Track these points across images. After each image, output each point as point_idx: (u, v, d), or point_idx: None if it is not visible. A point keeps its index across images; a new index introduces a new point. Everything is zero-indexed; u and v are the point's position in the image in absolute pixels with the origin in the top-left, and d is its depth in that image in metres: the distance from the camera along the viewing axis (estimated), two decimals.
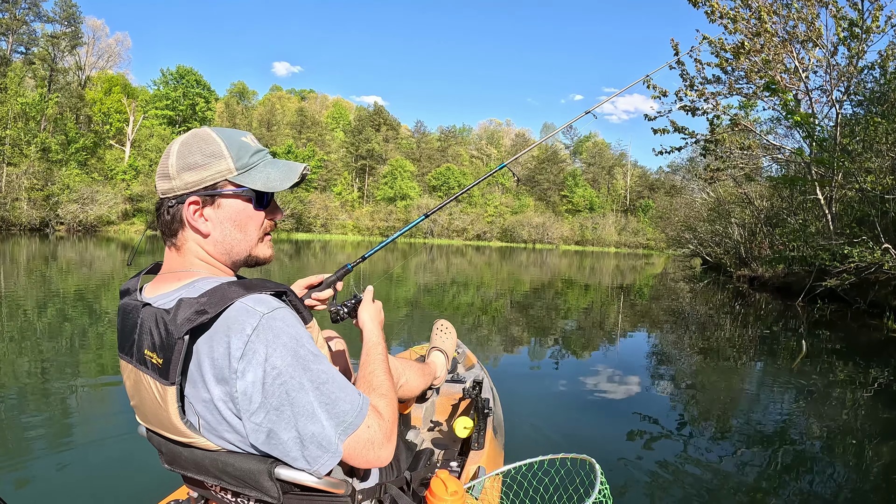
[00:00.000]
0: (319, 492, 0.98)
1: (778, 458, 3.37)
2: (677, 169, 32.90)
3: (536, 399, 4.36)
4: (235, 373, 0.87)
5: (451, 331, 2.18)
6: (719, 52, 10.13)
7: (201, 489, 1.08)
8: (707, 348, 7.32)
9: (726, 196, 21.26)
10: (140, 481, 2.59)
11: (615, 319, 9.70)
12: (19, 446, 3.04)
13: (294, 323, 0.94)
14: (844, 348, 7.57)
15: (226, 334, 0.88)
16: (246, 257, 1.06)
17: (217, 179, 0.99)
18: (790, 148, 11.80)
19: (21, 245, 22.28)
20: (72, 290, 9.81)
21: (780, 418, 4.27)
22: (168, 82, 52.47)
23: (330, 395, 0.93)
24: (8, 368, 4.61)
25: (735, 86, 10.10)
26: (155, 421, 1.00)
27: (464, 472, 1.74)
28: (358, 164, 68.38)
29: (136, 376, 0.98)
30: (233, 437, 0.93)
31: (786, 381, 5.56)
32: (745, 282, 17.95)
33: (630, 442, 3.45)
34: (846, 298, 11.05)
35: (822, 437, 3.83)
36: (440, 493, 1.19)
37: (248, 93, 77.02)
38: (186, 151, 0.98)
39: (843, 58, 10.61)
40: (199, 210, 1.00)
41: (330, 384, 0.93)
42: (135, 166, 44.73)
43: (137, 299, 1.00)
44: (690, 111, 10.43)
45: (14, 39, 42.20)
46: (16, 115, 35.86)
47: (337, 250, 31.49)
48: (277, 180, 1.03)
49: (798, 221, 14.10)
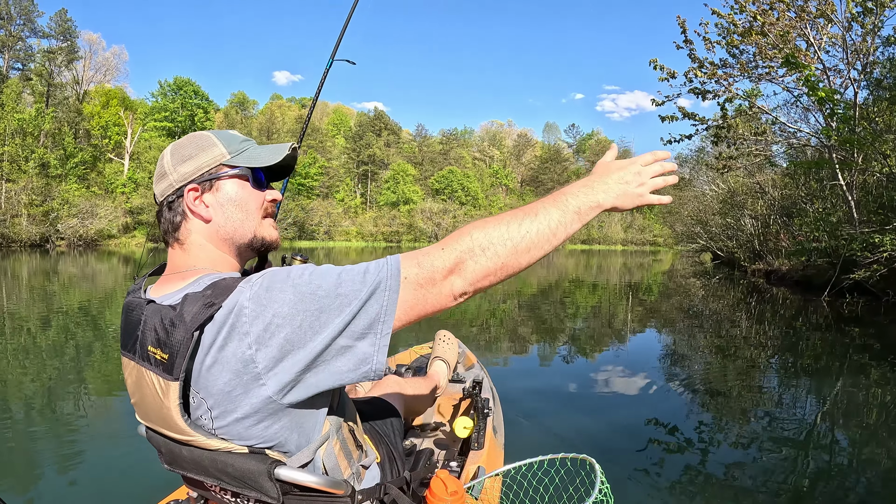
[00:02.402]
0: (319, 492, 0.97)
1: (797, 464, 3.20)
2: (685, 161, 32.06)
3: (536, 399, 4.36)
4: (247, 335, 0.84)
5: (452, 341, 2.30)
6: (729, 27, 9.49)
7: (201, 489, 1.07)
8: (721, 346, 7.08)
9: (737, 187, 20.58)
10: (140, 481, 2.63)
11: (622, 318, 9.56)
12: (21, 447, 3.14)
13: (282, 270, 0.88)
14: (877, 346, 7.14)
15: (228, 315, 0.85)
16: (251, 239, 1.04)
17: (212, 165, 1.00)
18: (808, 131, 11.09)
19: (22, 261, 22.44)
20: (75, 305, 9.83)
21: (802, 421, 4.06)
22: (166, 94, 52.40)
23: (351, 291, 0.85)
24: (10, 378, 4.73)
25: (747, 66, 9.44)
26: (155, 418, 0.98)
27: (464, 472, 1.74)
28: (360, 170, 68.13)
29: (138, 373, 0.96)
30: (246, 422, 0.89)
31: (810, 382, 5.29)
32: (760, 276, 17.40)
33: (631, 442, 3.42)
34: (874, 292, 10.30)
35: (852, 443, 3.59)
36: (440, 494, 1.18)
37: (249, 103, 77.10)
38: (179, 149, 1.01)
39: (857, 35, 10.00)
40: (198, 197, 1.00)
41: (345, 283, 0.85)
42: (134, 179, 44.62)
43: (141, 297, 0.99)
44: (700, 94, 9.77)
45: (10, 56, 42.20)
46: (13, 132, 35.78)
47: (341, 257, 31.72)
48: (268, 156, 1.04)
49: (818, 210, 13.38)
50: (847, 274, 9.99)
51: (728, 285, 16.22)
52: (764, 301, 12.05)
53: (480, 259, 0.87)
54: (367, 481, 1.12)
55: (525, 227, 0.89)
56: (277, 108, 73.04)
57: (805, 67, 7.11)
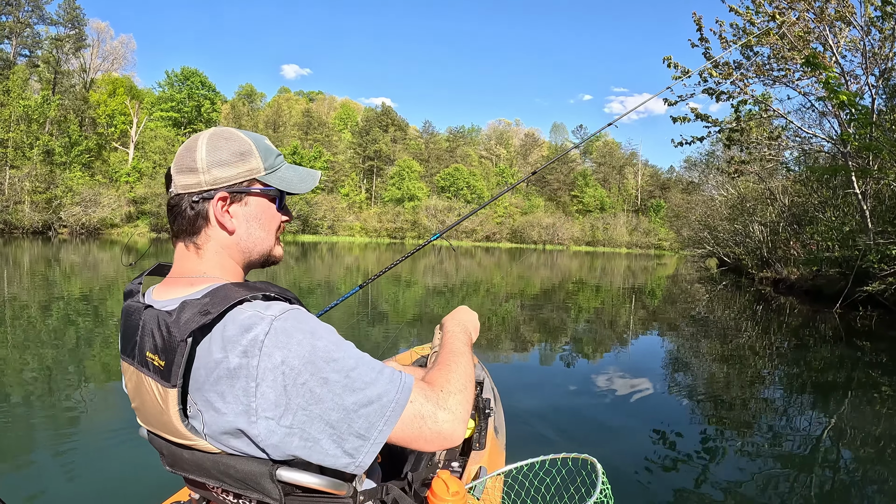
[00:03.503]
0: (321, 493, 0.97)
1: (799, 478, 3.09)
2: (694, 164, 31.64)
3: (538, 399, 4.31)
4: (255, 380, 0.85)
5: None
6: (744, 26, 9.18)
7: (203, 491, 1.07)
8: (725, 354, 6.95)
9: (747, 193, 20.21)
10: (142, 483, 2.62)
11: (625, 322, 9.50)
12: (22, 448, 3.13)
13: (306, 318, 0.91)
14: (889, 362, 6.91)
15: (234, 340, 0.86)
16: (265, 256, 1.06)
17: (248, 177, 1.00)
18: (823, 136, 10.75)
19: (24, 248, 22.42)
20: (76, 293, 9.74)
21: (806, 435, 3.93)
22: (173, 84, 52.23)
23: (363, 379, 0.89)
24: (10, 371, 4.70)
25: (763, 68, 9.11)
26: (156, 423, 0.98)
27: (465, 472, 1.74)
28: (365, 165, 67.91)
29: (138, 378, 0.97)
30: (237, 442, 0.90)
31: (817, 395, 5.10)
32: (768, 284, 17.06)
33: (632, 442, 3.38)
34: (888, 305, 9.97)
35: (858, 462, 3.41)
36: (442, 494, 1.18)
37: (257, 95, 76.91)
38: (216, 147, 0.98)
39: (875, 40, 9.69)
40: (226, 207, 0.99)
41: (360, 368, 0.90)
42: (139, 168, 44.49)
43: (140, 301, 0.99)
44: (715, 95, 9.45)
45: (18, 42, 42.11)
46: (18, 118, 35.69)
47: (344, 252, 31.47)
48: (299, 183, 1.06)
49: (832, 218, 13.03)
50: (860, 285, 9.66)
51: (734, 292, 15.94)
52: (771, 310, 11.78)
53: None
54: (368, 482, 1.12)
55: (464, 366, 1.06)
56: (285, 102, 72.82)
57: (827, 68, 6.81)
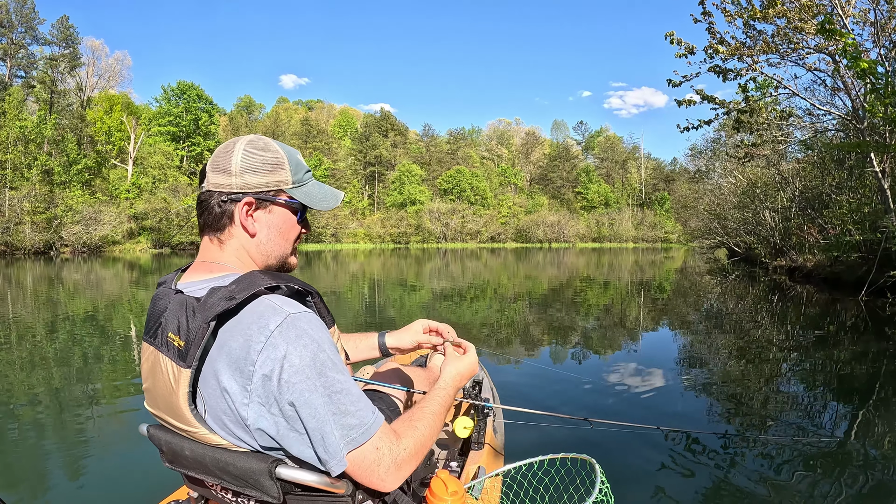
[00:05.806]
0: (320, 492, 0.98)
1: (820, 478, 2.89)
2: (700, 152, 30.98)
3: (537, 398, 4.28)
4: (253, 365, 0.90)
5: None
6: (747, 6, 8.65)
7: (202, 488, 1.08)
8: (740, 347, 6.64)
9: (756, 178, 19.56)
10: (140, 482, 2.64)
11: (634, 318, 9.15)
12: (22, 448, 3.15)
13: (318, 327, 0.96)
14: None
15: (249, 327, 0.91)
16: (281, 263, 1.12)
17: (276, 188, 1.06)
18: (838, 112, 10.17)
19: (26, 269, 22.23)
20: (80, 312, 9.68)
21: (831, 433, 3.70)
22: (169, 99, 52.08)
23: (340, 406, 0.93)
24: (13, 371, 4.74)
25: (771, 43, 8.57)
26: (163, 405, 1.01)
27: (464, 472, 1.75)
28: (367, 171, 67.59)
29: (155, 358, 1.00)
30: (236, 429, 0.94)
31: (841, 389, 4.77)
32: (783, 273, 16.42)
33: (633, 443, 3.35)
34: None
35: (892, 462, 3.14)
36: (440, 494, 1.19)
37: (256, 106, 76.88)
38: (251, 154, 1.03)
39: (884, 12, 9.15)
40: (251, 212, 1.05)
41: (343, 395, 0.94)
42: (138, 184, 44.27)
43: (171, 288, 1.03)
44: (721, 73, 8.90)
45: (13, 64, 42.06)
46: (15, 139, 35.55)
47: (349, 260, 31.18)
48: (323, 200, 1.12)
49: (849, 200, 12.40)
50: (884, 270, 9.07)
51: (748, 283, 15.33)
52: (788, 300, 11.17)
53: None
54: None
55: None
56: (283, 111, 72.70)
57: (843, 35, 6.29)
